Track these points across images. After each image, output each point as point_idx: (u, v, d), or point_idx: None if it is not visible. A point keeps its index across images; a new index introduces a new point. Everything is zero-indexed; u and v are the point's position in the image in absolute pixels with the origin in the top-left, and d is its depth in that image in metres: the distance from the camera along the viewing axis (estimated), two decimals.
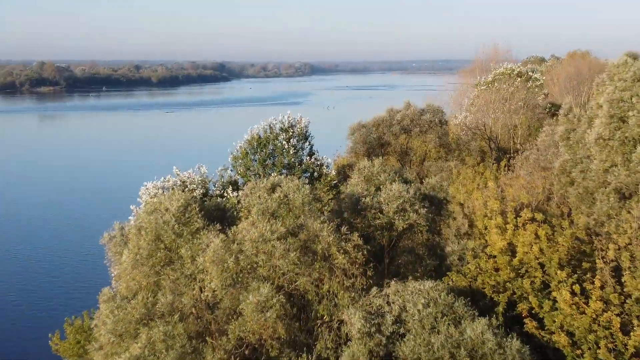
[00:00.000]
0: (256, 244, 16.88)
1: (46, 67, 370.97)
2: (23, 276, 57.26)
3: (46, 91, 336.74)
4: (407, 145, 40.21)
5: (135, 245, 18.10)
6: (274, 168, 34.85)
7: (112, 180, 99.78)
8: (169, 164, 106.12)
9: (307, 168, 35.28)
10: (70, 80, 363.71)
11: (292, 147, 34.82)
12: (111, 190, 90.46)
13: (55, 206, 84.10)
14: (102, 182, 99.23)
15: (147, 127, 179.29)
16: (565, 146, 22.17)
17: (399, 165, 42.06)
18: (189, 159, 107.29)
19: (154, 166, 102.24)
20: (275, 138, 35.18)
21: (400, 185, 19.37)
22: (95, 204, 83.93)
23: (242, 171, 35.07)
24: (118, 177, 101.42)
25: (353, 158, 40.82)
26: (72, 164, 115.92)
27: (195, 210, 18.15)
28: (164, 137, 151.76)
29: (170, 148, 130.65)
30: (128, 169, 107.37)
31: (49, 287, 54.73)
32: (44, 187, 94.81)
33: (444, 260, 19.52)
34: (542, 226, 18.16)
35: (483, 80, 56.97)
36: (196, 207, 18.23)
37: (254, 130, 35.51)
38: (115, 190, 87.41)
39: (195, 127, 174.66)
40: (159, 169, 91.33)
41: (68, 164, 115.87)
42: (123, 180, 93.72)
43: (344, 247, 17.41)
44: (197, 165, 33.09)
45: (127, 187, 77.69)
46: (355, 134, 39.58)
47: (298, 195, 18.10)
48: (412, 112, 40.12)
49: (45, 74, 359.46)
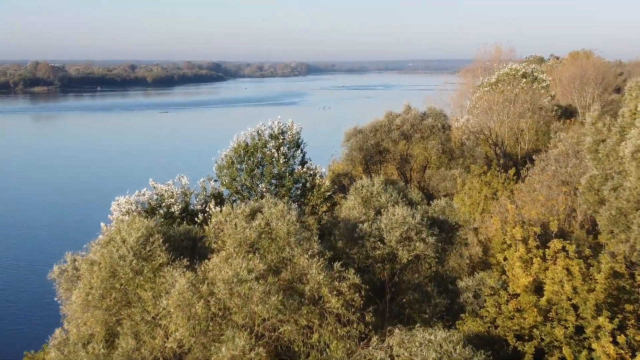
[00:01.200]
0: (230, 285, 13.81)
1: (40, 66, 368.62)
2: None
3: (40, 91, 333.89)
4: (407, 152, 37.17)
5: (87, 284, 15.04)
6: (262, 178, 31.78)
7: (94, 185, 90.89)
8: (158, 167, 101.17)
9: (299, 178, 32.19)
10: (64, 80, 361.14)
11: (282, 155, 31.70)
12: (90, 198, 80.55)
13: (24, 214, 75.52)
14: (83, 187, 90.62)
15: (140, 127, 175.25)
16: (593, 159, 19.18)
17: (398, 174, 39.04)
18: (180, 162, 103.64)
19: (141, 170, 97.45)
20: (263, 146, 32.07)
21: (405, 208, 16.31)
22: (71, 212, 75.71)
23: (228, 182, 31.95)
24: (101, 182, 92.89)
25: (349, 166, 37.75)
26: (56, 167, 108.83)
27: (159, 241, 15.06)
28: (155, 138, 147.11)
29: (161, 151, 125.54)
30: (113, 174, 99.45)
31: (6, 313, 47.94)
32: (19, 192, 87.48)
33: (457, 298, 16.48)
34: (575, 260, 15.10)
35: (486, 82, 53.94)
36: (160, 237, 15.14)
37: (240, 137, 32.41)
38: (94, 198, 78.12)
39: (189, 128, 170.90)
40: (145, 174, 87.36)
41: (53, 167, 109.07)
42: (105, 186, 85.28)
43: (338, 288, 14.37)
44: (177, 176, 29.99)
45: (108, 195, 72.28)
46: (351, 140, 36.51)
47: (282, 223, 15.03)
48: (412, 116, 37.06)
49: (39, 74, 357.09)
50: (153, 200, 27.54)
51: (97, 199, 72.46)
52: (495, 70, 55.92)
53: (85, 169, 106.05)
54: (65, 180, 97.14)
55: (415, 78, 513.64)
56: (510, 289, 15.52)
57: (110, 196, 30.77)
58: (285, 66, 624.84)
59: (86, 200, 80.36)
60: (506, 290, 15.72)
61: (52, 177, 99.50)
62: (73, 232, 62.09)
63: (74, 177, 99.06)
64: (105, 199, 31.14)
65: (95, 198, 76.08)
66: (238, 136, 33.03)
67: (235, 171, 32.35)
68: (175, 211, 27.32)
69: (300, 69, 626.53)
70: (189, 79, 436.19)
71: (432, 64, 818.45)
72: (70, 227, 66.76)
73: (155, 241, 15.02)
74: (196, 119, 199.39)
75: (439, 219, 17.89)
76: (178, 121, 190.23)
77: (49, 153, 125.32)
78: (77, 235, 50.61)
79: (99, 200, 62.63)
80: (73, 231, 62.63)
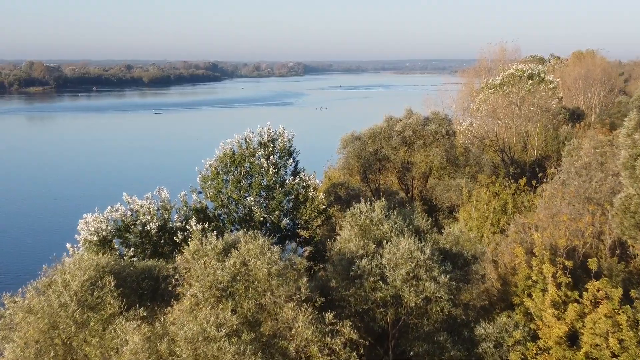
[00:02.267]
0: (195, 344, 10.99)
1: (35, 66, 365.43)
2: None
3: (35, 91, 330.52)
4: (408, 160, 34.34)
5: (22, 337, 12.19)
6: (250, 191, 28.98)
7: (69, 194, 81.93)
8: (143, 172, 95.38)
9: (291, 190, 29.40)
10: (59, 81, 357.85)
11: (272, 165, 28.90)
12: (62, 210, 72.31)
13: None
14: (57, 196, 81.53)
15: (131, 129, 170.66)
16: (629, 177, 16.42)
17: (399, 184, 36.22)
18: (168, 166, 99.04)
19: (125, 176, 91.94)
20: (252, 154, 29.27)
21: (411, 240, 13.49)
22: (35, 229, 66.03)
23: (212, 194, 29.12)
24: (79, 190, 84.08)
25: (346, 175, 34.92)
26: (35, 172, 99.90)
27: (110, 285, 12.24)
28: (146, 140, 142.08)
29: (150, 154, 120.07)
30: (93, 180, 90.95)
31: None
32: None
33: (474, 348, 13.65)
34: (621, 307, 12.30)
35: (490, 83, 51.15)
36: (111, 280, 12.30)
37: (226, 145, 29.58)
38: (67, 210, 70.25)
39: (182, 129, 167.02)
40: (128, 180, 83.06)
41: (31, 171, 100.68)
42: (84, 194, 78.65)
43: (330, 345, 11.56)
44: (156, 189, 27.14)
45: (83, 206, 66.08)
46: (348, 148, 33.65)
47: (262, 262, 12.21)
48: (414, 121, 34.19)
49: (35, 74, 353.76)
50: (127, 217, 24.72)
51: (70, 211, 65.41)
52: (499, 70, 53.11)
53: (66, 175, 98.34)
54: (39, 188, 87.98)
55: (413, 78, 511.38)
56: (541, 342, 12.71)
57: (85, 208, 27.96)
58: (283, 66, 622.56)
59: (58, 212, 72.42)
60: (535, 342, 12.91)
61: (26, 184, 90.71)
62: (32, 256, 54.14)
63: (49, 184, 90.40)
64: (79, 211, 28.28)
65: (69, 210, 68.89)
66: (224, 144, 30.27)
67: (221, 182, 29.55)
68: (151, 229, 24.50)
69: (298, 68, 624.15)
70: (186, 79, 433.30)
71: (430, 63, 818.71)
72: (32, 250, 57.94)
73: (106, 285, 12.19)
74: (191, 119, 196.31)
75: (452, 252, 15.08)
76: (172, 122, 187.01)
77: (30, 156, 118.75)
78: (35, 261, 43.50)
79: (72, 212, 53.60)
80: (32, 255, 54.69)
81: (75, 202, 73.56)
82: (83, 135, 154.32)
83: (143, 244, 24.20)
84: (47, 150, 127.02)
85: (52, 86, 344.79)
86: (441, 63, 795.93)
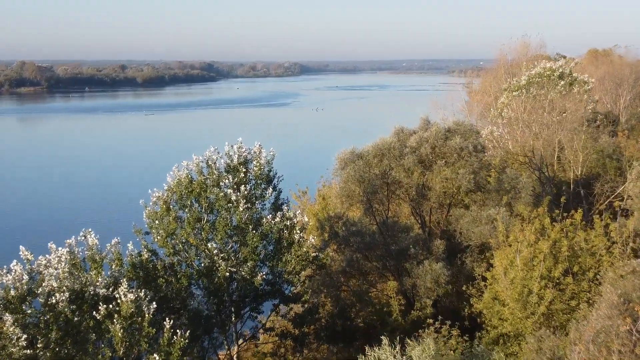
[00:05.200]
0: None
1: (27, 66, 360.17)
2: None
3: (26, 92, 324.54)
4: (425, 184, 26.44)
5: None
6: (214, 233, 21.09)
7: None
8: (105, 192, 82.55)
9: (270, 231, 21.46)
10: (51, 81, 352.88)
11: (243, 198, 20.95)
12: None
13: None
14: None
15: (116, 132, 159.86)
16: None
17: (413, 215, 28.27)
18: (139, 181, 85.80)
19: (90, 193, 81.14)
20: (216, 183, 21.36)
21: None
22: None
23: (162, 238, 21.21)
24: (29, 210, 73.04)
25: (344, 203, 27.05)
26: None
27: None
28: (128, 146, 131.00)
29: (130, 164, 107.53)
30: (50, 198, 79.58)
31: None
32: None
33: None
34: None
35: (515, 84, 43.35)
36: None
37: (182, 170, 21.62)
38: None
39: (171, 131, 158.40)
40: (91, 195, 71.89)
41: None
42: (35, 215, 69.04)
43: None
44: (81, 232, 19.21)
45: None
46: (348, 169, 25.69)
47: None
48: (433, 134, 26.26)
49: (26, 74, 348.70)
50: (23, 284, 16.78)
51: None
52: (523, 69, 45.15)
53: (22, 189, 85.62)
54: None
55: (410, 78, 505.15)
56: None
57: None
58: (279, 66, 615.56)
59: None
60: None
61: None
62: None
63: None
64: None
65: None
66: (179, 168, 22.39)
67: (174, 222, 21.68)
68: (58, 301, 16.56)
69: (294, 69, 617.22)
70: (181, 79, 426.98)
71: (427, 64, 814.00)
72: None
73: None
74: (182, 121, 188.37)
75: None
76: (161, 124, 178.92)
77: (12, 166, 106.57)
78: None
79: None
80: None
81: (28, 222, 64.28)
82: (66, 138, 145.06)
83: (47, 324, 16.28)
84: (22, 157, 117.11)
85: (44, 86, 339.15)
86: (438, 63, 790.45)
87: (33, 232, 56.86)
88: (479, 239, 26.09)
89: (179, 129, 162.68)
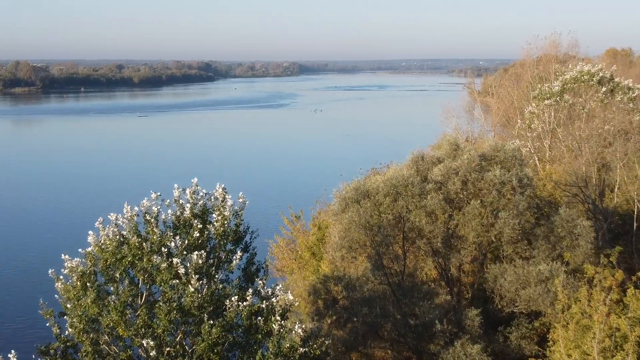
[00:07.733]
0: None
1: (21, 66, 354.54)
2: None
3: (20, 92, 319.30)
4: (454, 231, 19.64)
5: None
6: (153, 322, 14.20)
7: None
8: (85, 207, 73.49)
9: (237, 320, 14.57)
10: (46, 81, 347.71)
11: (195, 270, 14.07)
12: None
13: None
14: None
15: (104, 136, 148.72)
16: None
17: (437, 273, 21.33)
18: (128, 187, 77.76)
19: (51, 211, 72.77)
20: (157, 248, 14.54)
21: None
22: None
23: (77, 329, 14.39)
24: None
25: (346, 256, 20.14)
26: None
27: None
28: (112, 151, 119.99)
29: (105, 173, 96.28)
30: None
31: None
32: None
33: None
34: None
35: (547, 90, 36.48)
36: None
37: (107, 227, 14.75)
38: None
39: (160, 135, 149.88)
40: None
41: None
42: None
43: None
44: None
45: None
46: (350, 213, 18.82)
47: None
48: (465, 164, 19.42)
49: (21, 74, 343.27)
50: None
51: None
52: (557, 73, 38.15)
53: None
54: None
55: (410, 78, 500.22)
56: None
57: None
58: (277, 66, 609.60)
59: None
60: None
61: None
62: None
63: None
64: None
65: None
66: (103, 224, 15.46)
67: (94, 305, 14.84)
68: None
69: (293, 68, 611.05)
70: (178, 79, 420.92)
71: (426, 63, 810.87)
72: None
73: None
74: (175, 123, 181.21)
75: None
76: (154, 127, 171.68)
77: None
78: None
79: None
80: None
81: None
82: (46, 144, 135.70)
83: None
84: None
85: (39, 87, 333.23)
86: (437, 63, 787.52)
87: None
88: (527, 304, 19.25)
89: (173, 132, 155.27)
